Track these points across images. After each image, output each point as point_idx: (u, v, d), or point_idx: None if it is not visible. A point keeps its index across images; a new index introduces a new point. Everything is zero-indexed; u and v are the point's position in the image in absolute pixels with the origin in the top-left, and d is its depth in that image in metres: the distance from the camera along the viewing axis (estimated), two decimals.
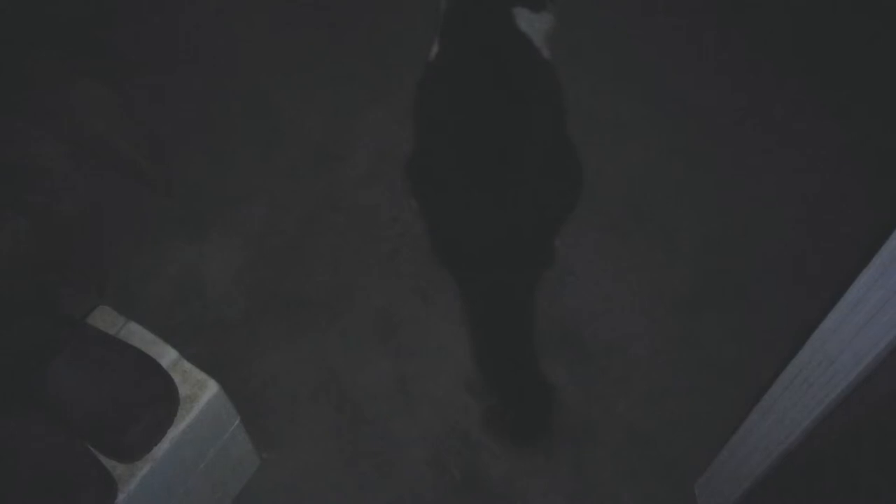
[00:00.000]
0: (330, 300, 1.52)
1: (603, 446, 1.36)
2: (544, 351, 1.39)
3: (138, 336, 1.08)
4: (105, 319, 1.10)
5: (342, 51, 1.87)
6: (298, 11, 1.94)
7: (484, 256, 1.42)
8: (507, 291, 1.42)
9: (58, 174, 1.50)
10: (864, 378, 0.74)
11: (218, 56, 1.83)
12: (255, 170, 1.69)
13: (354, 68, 1.84)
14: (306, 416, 1.40)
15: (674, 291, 1.52)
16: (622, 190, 1.65)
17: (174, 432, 1.03)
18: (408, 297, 1.52)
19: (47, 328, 1.00)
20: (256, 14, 1.91)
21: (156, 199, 1.62)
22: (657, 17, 1.93)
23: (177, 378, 1.05)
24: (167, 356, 1.07)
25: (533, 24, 1.53)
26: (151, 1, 1.87)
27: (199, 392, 1.06)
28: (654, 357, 1.45)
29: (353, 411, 1.40)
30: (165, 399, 1.02)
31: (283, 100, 1.80)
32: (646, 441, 1.36)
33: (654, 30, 1.90)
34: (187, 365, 1.07)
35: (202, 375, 1.07)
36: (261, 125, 1.76)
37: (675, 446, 1.35)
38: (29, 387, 0.98)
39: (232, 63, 1.83)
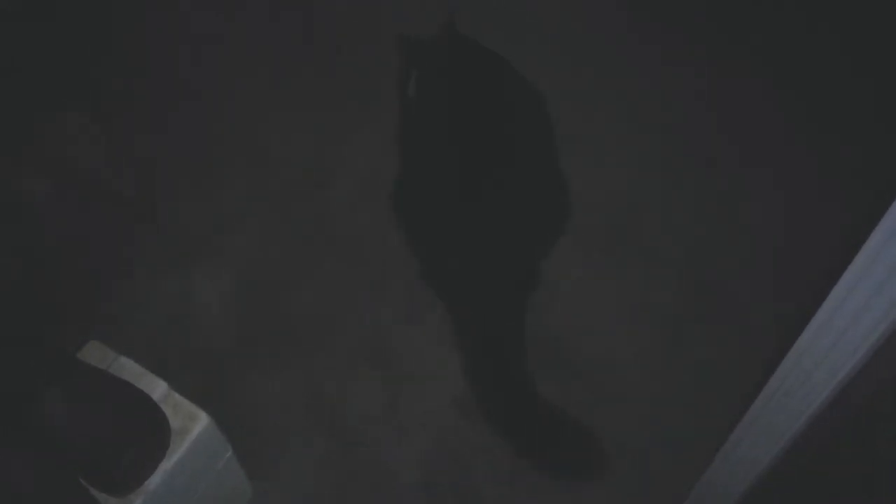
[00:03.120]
0: (319, 326, 1.53)
1: (594, 462, 1.36)
2: (533, 370, 1.40)
3: (129, 370, 1.09)
4: (96, 354, 1.11)
5: (328, 76, 1.89)
6: (284, 38, 1.96)
7: (471, 278, 1.43)
8: (496, 312, 1.43)
9: (44, 207, 1.51)
10: (841, 390, 0.76)
11: (203, 84, 1.85)
12: (242, 197, 1.70)
13: (341, 94, 1.86)
14: (299, 444, 1.40)
15: (660, 306, 1.54)
16: (605, 207, 1.66)
17: (166, 465, 1.03)
18: (396, 321, 1.53)
19: (37, 363, 1.01)
20: (242, 42, 1.93)
21: (143, 230, 1.63)
22: (636, 32, 1.95)
23: (168, 411, 1.05)
24: (158, 389, 1.07)
25: None
26: (135, 30, 1.88)
27: (191, 424, 1.06)
28: (642, 374, 1.46)
29: (345, 437, 1.41)
30: (156, 432, 1.03)
31: (268, 126, 1.81)
32: (635, 455, 1.37)
33: (633, 45, 1.93)
34: (178, 397, 1.08)
35: (193, 408, 1.07)
36: (247, 152, 1.77)
37: (666, 460, 1.36)
38: (20, 422, 0.98)
39: (217, 91, 1.85)
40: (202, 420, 1.06)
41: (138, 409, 1.03)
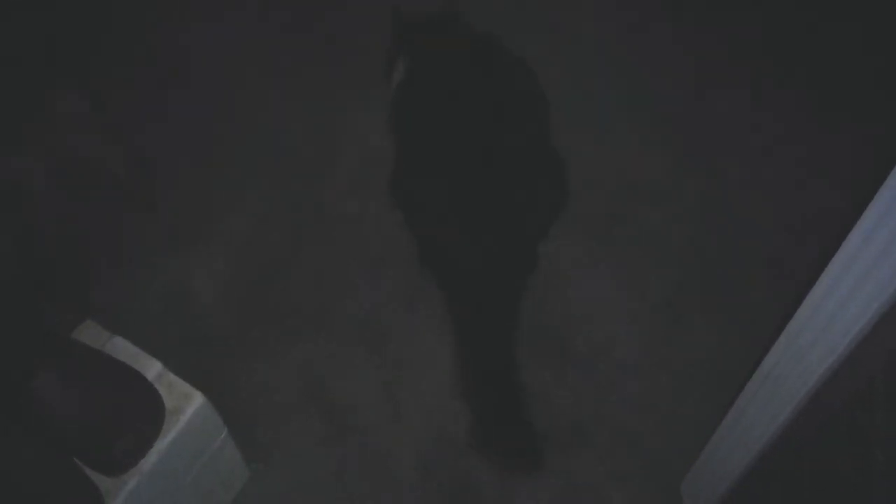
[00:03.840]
0: (316, 310, 1.53)
1: (590, 448, 1.37)
2: (531, 355, 1.40)
3: (123, 350, 1.09)
4: (90, 334, 1.11)
5: (325, 63, 1.89)
6: (281, 26, 1.95)
7: (469, 263, 1.43)
8: (493, 298, 1.43)
9: (41, 190, 1.50)
10: (834, 371, 0.76)
11: (201, 71, 1.84)
12: (239, 182, 1.70)
13: (337, 80, 1.85)
14: (295, 427, 1.40)
15: (658, 294, 1.54)
16: (605, 195, 1.66)
17: (160, 445, 1.03)
18: (394, 306, 1.53)
19: (32, 344, 1.01)
20: (239, 29, 1.93)
21: (139, 215, 1.63)
22: (639, 22, 1.95)
23: (162, 391, 1.05)
24: (152, 369, 1.08)
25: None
26: (135, 17, 1.88)
27: (185, 404, 1.06)
28: (639, 359, 1.46)
29: (341, 420, 1.41)
30: (151, 412, 1.03)
31: (266, 112, 1.81)
32: (633, 442, 1.37)
33: (636, 35, 1.93)
34: (172, 377, 1.08)
35: (187, 387, 1.08)
36: (244, 137, 1.77)
37: (661, 446, 1.36)
38: (15, 402, 0.98)
39: (215, 77, 1.84)
40: (197, 400, 1.06)
41: (133, 389, 1.03)
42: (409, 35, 1.55)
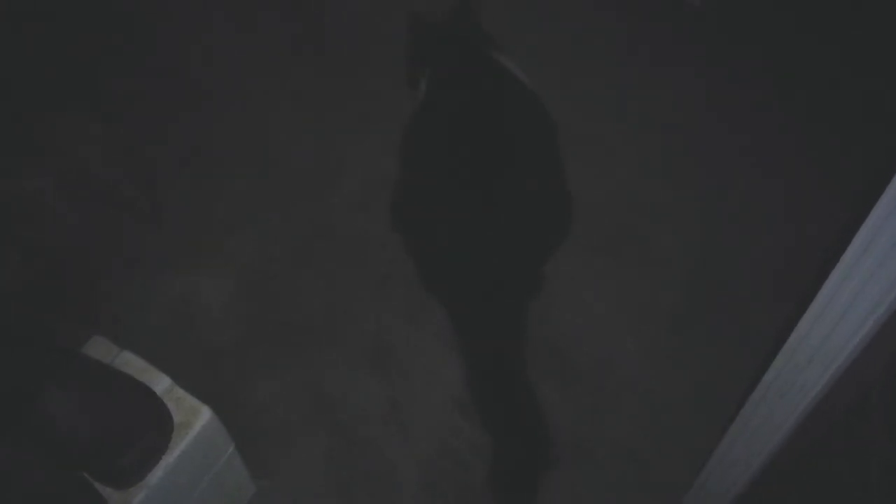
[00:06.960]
0: (321, 326, 1.54)
1: (593, 464, 1.37)
2: (534, 371, 1.41)
3: (132, 364, 1.10)
4: (100, 349, 1.12)
5: (331, 81, 1.91)
6: (288, 43, 1.98)
7: (473, 280, 1.44)
8: (497, 313, 1.44)
9: (49, 207, 1.53)
10: (833, 385, 0.77)
11: (208, 88, 1.87)
12: (245, 199, 1.72)
13: (343, 98, 1.88)
14: (301, 442, 1.41)
15: (662, 309, 1.55)
16: (608, 211, 1.68)
17: (168, 459, 1.04)
18: (398, 322, 1.54)
19: (41, 358, 1.02)
20: (246, 47, 1.95)
21: (147, 230, 1.65)
22: (636, 39, 1.97)
23: (170, 405, 1.07)
24: (161, 384, 1.09)
25: None
26: (140, 35, 1.91)
27: (193, 419, 1.07)
28: (642, 375, 1.47)
29: (346, 435, 1.42)
30: (159, 426, 1.04)
31: (272, 130, 1.83)
32: (635, 458, 1.38)
33: (634, 52, 1.95)
34: (181, 392, 1.09)
35: (196, 402, 1.09)
36: (251, 155, 1.79)
37: (664, 462, 1.36)
38: (24, 416, 0.99)
39: (222, 94, 1.87)
40: (204, 415, 1.08)
41: (141, 403, 1.04)
42: (430, 46, 1.57)
